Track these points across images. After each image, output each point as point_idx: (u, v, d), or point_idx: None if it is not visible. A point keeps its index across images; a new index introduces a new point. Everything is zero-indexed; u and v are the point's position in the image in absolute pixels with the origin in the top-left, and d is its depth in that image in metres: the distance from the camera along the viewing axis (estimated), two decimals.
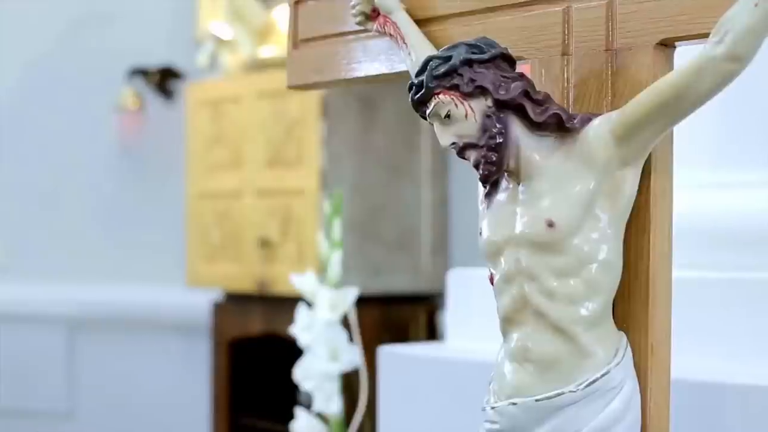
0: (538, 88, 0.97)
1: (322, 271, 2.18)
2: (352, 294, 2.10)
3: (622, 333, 0.95)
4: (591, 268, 0.92)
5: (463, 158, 0.95)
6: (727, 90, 0.90)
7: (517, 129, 0.94)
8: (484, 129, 0.93)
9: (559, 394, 0.91)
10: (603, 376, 0.91)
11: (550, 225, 0.92)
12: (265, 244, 3.08)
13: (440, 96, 0.94)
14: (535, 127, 0.94)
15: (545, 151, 0.94)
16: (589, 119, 0.94)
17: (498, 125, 0.93)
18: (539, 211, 0.93)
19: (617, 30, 0.98)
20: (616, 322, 0.95)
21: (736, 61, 0.87)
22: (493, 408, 0.95)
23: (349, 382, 2.22)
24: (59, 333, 3.88)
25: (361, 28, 1.14)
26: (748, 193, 1.62)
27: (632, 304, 0.96)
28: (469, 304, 1.78)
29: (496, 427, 0.95)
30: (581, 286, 0.92)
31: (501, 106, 0.93)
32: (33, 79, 3.99)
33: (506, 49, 0.96)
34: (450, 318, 1.88)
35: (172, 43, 3.76)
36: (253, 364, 3.32)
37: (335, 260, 2.11)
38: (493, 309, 0.98)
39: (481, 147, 0.93)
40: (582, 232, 0.92)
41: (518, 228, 0.94)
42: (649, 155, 0.95)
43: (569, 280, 0.92)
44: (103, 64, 3.84)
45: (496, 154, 0.93)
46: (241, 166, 3.21)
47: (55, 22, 3.96)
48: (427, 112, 0.95)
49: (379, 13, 1.11)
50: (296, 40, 1.23)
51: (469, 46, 0.94)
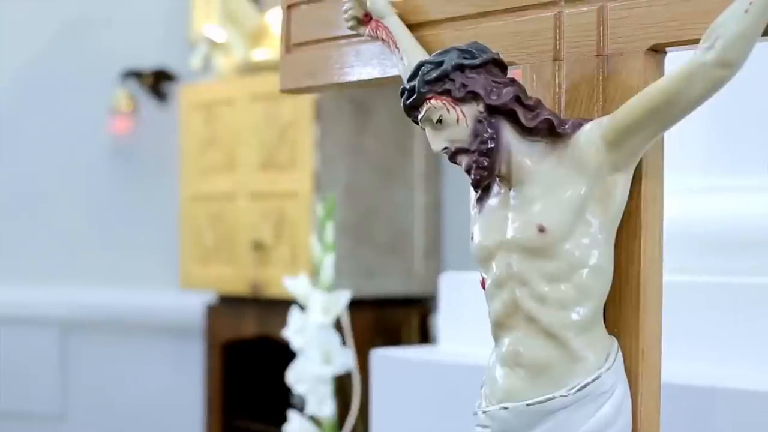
0: (529, 94, 0.98)
1: (315, 274, 2.18)
2: (344, 297, 2.11)
3: (613, 338, 0.95)
4: (582, 273, 0.92)
5: (455, 163, 0.95)
6: (718, 95, 0.90)
7: (508, 134, 0.94)
8: (476, 134, 0.93)
9: (550, 399, 0.92)
10: (594, 380, 0.92)
11: (542, 230, 0.92)
12: (259, 246, 3.08)
13: (432, 101, 0.94)
14: (526, 132, 0.94)
15: (536, 157, 0.95)
16: (581, 124, 0.94)
17: (489, 130, 0.93)
18: (530, 216, 0.93)
19: (608, 35, 0.98)
20: (607, 327, 0.95)
21: (727, 67, 0.88)
22: (484, 412, 0.95)
23: (342, 385, 2.22)
24: (52, 335, 3.88)
25: (354, 32, 1.15)
26: (738, 197, 1.63)
27: (623, 309, 0.96)
28: (462, 308, 1.79)
29: (487, 431, 0.96)
30: (572, 291, 0.92)
31: (492, 111, 0.94)
32: (26, 81, 3.99)
33: (498, 54, 0.97)
34: (443, 321, 1.88)
35: (166, 46, 3.76)
36: (247, 367, 3.32)
37: (328, 264, 2.12)
38: (486, 313, 0.99)
39: (473, 152, 0.94)
40: (573, 237, 0.92)
41: (509, 233, 0.94)
42: (640, 160, 0.95)
43: (560, 285, 0.92)
44: (96, 66, 3.84)
45: (488, 159, 0.94)
46: (235, 169, 3.21)
47: (49, 25, 3.95)
48: (419, 117, 0.95)
49: (371, 18, 1.12)
50: (289, 45, 1.23)
51: (461, 51, 0.95)
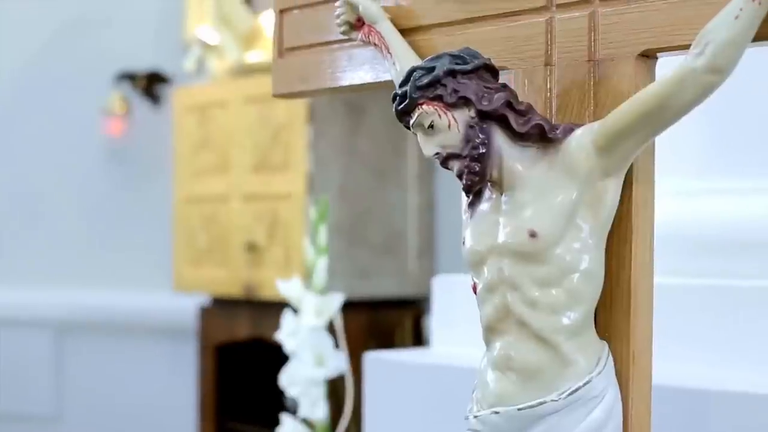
0: (521, 98, 0.98)
1: (308, 276, 2.18)
2: (337, 300, 2.11)
3: (604, 342, 0.95)
4: (573, 278, 0.93)
5: (447, 168, 0.96)
6: (714, 98, 0.90)
7: (499, 139, 0.95)
8: (467, 139, 0.94)
9: (541, 403, 0.92)
10: (585, 384, 0.92)
11: (533, 235, 0.93)
12: (252, 248, 3.08)
13: (424, 106, 0.94)
14: (517, 137, 0.95)
15: (528, 162, 0.95)
16: (572, 129, 0.95)
17: (481, 136, 0.94)
18: (522, 221, 0.94)
19: (599, 41, 0.98)
20: (598, 331, 0.96)
21: (717, 73, 0.88)
22: (475, 417, 0.96)
23: (335, 388, 2.22)
24: (47, 337, 3.88)
25: (346, 37, 1.15)
26: (732, 200, 1.63)
27: (614, 313, 0.96)
28: (455, 310, 1.79)
29: None
30: (563, 296, 0.93)
31: (484, 116, 0.94)
32: (21, 83, 3.98)
33: (489, 59, 0.97)
34: (435, 323, 1.88)
35: (160, 48, 3.76)
36: (240, 369, 3.32)
37: (321, 266, 2.12)
38: (478, 315, 0.99)
39: (464, 157, 0.94)
40: (564, 242, 0.93)
41: (501, 238, 0.95)
42: (631, 165, 0.95)
43: (551, 290, 0.93)
44: (90, 69, 3.84)
45: (479, 165, 0.94)
46: (228, 171, 3.22)
47: (43, 27, 3.95)
48: (411, 122, 0.96)
49: (363, 23, 1.12)
50: (281, 49, 1.24)
51: (453, 56, 0.95)
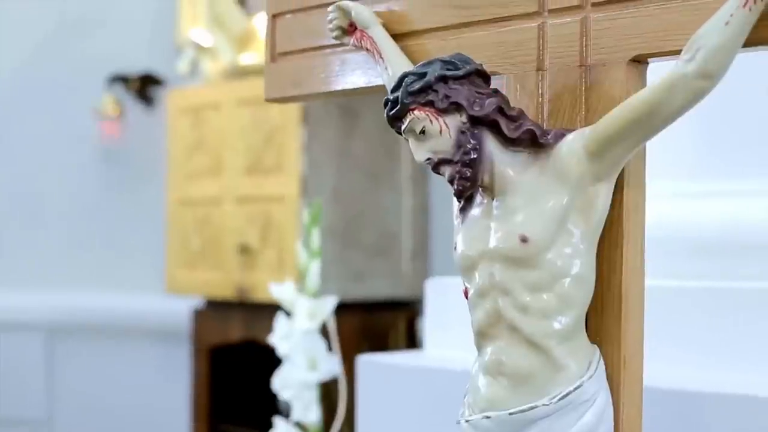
0: (513, 103, 0.98)
1: (301, 279, 2.18)
2: (330, 303, 2.11)
3: (595, 346, 0.96)
4: (564, 283, 0.93)
5: (438, 173, 0.96)
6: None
7: (491, 145, 0.95)
8: (459, 145, 0.94)
9: (532, 408, 0.92)
10: (576, 389, 0.92)
11: (524, 240, 0.93)
12: (245, 250, 3.08)
13: (415, 112, 0.94)
14: (509, 142, 0.95)
15: (519, 167, 0.95)
16: (563, 135, 0.95)
17: (472, 141, 0.94)
18: (513, 227, 0.94)
19: (591, 46, 0.99)
20: (589, 336, 0.96)
21: (708, 79, 0.88)
22: (467, 421, 0.96)
23: (328, 391, 2.22)
24: (38, 340, 3.87)
25: (339, 42, 1.15)
26: (727, 202, 1.64)
27: (605, 318, 0.97)
28: (448, 313, 1.79)
29: None
30: (554, 301, 0.93)
31: (475, 122, 0.94)
32: (13, 86, 3.98)
33: (481, 65, 0.97)
34: (428, 326, 1.89)
35: (153, 50, 3.76)
36: (233, 371, 3.32)
37: (314, 270, 2.12)
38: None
39: (456, 162, 0.94)
40: (555, 247, 0.93)
41: (492, 243, 0.95)
42: (623, 169, 0.95)
43: (542, 295, 0.93)
44: (83, 71, 3.83)
45: (471, 170, 0.94)
46: (222, 173, 3.22)
47: (36, 29, 3.95)
48: (402, 127, 0.96)
49: (356, 28, 1.12)
50: (274, 53, 1.24)
51: (444, 62, 0.95)
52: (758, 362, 1.45)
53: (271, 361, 2.33)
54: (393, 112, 0.96)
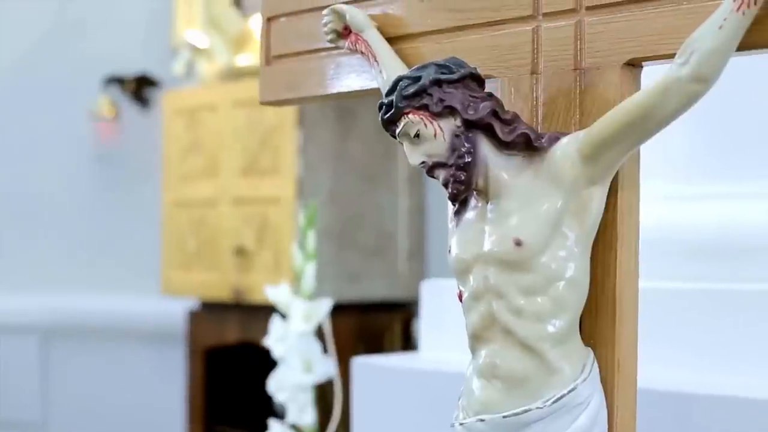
0: (508, 107, 0.98)
1: (297, 281, 2.18)
2: (326, 305, 2.11)
3: (589, 349, 0.96)
4: (558, 286, 0.93)
5: (433, 177, 0.96)
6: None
7: (485, 148, 0.95)
8: (453, 148, 0.94)
9: (526, 411, 0.92)
10: (570, 392, 0.92)
11: (518, 243, 0.93)
12: (241, 252, 3.08)
13: (409, 116, 0.95)
14: (503, 146, 0.95)
15: (513, 170, 0.95)
16: (557, 138, 0.95)
17: (467, 144, 0.94)
18: (507, 230, 0.94)
19: (585, 50, 0.99)
20: (583, 338, 0.96)
21: (702, 82, 0.88)
22: (461, 424, 0.96)
23: (324, 393, 2.22)
24: (32, 342, 3.86)
25: (334, 45, 1.15)
26: (722, 204, 1.64)
27: (599, 321, 0.97)
28: (443, 315, 1.79)
29: None
30: (548, 304, 0.93)
31: (470, 125, 0.94)
32: (8, 87, 3.98)
33: (475, 69, 0.97)
34: (424, 328, 1.89)
35: (149, 51, 3.76)
36: (229, 373, 3.32)
37: (309, 272, 2.12)
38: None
39: (450, 166, 0.94)
40: (549, 251, 0.93)
41: (486, 246, 0.95)
42: (617, 172, 0.96)
43: (536, 298, 0.93)
44: (79, 72, 3.83)
45: (465, 173, 0.94)
46: (217, 175, 3.22)
47: (31, 31, 3.95)
48: (397, 131, 0.96)
49: (350, 31, 1.12)
50: (269, 57, 1.24)
51: (439, 66, 0.95)
52: (754, 364, 1.45)
53: (267, 362, 2.33)
54: (387, 115, 0.96)
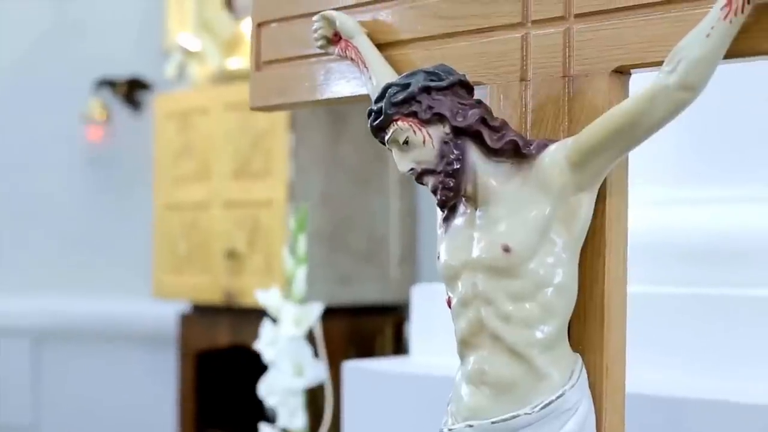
0: (497, 114, 0.99)
1: (288, 285, 2.19)
2: (316, 309, 2.11)
3: (578, 355, 0.96)
4: (546, 292, 0.93)
5: (422, 183, 0.96)
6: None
7: (474, 155, 0.95)
8: (442, 155, 0.94)
9: (514, 417, 0.93)
10: (558, 398, 0.93)
11: (507, 250, 0.93)
12: (233, 255, 3.08)
13: (398, 123, 0.95)
14: (492, 153, 0.95)
15: (502, 177, 0.96)
16: (546, 145, 0.95)
17: (455, 151, 0.94)
18: (496, 236, 0.94)
19: (574, 57, 1.00)
20: (571, 344, 0.97)
21: (689, 90, 0.89)
22: (450, 430, 0.96)
23: (314, 397, 2.22)
24: (24, 345, 3.86)
25: (323, 51, 1.16)
26: (712, 209, 1.65)
27: (587, 326, 0.97)
28: (434, 319, 1.80)
29: None
30: (537, 310, 0.93)
31: (458, 132, 0.95)
32: (0, 90, 3.97)
33: (464, 76, 0.98)
34: (415, 332, 1.89)
35: (140, 54, 3.76)
36: (220, 376, 3.32)
37: (300, 276, 2.12)
38: None
39: (439, 173, 0.95)
40: (538, 257, 0.93)
41: (475, 252, 0.95)
42: (605, 179, 0.96)
43: (525, 304, 0.93)
44: (70, 75, 3.83)
45: (454, 180, 0.95)
46: (209, 178, 3.21)
47: (22, 33, 3.94)
48: (386, 138, 0.97)
49: (340, 37, 1.13)
50: (259, 62, 1.24)
51: (428, 73, 0.96)
52: (744, 368, 1.45)
53: (258, 366, 2.33)
54: (377, 122, 0.97)
